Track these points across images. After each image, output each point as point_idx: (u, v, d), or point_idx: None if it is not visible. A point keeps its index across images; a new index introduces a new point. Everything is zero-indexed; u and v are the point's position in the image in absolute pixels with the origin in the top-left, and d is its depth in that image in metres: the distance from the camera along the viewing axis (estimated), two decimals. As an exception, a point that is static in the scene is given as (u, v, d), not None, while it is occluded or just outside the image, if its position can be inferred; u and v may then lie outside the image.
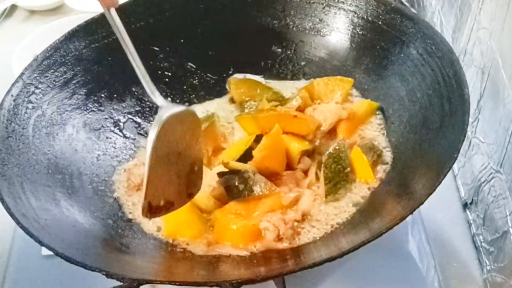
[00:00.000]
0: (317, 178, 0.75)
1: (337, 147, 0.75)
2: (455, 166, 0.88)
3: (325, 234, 0.69)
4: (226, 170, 0.74)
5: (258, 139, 0.77)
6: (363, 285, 0.74)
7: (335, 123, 0.80)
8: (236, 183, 0.72)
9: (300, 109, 0.81)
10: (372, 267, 0.75)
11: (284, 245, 0.68)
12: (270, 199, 0.71)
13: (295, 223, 0.69)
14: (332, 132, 0.80)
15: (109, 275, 0.56)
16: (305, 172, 0.77)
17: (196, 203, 0.73)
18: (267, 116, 0.78)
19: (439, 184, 0.59)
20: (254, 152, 0.75)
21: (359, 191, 0.73)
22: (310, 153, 0.78)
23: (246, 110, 0.85)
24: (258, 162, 0.74)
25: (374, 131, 0.81)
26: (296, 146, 0.77)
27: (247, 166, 0.74)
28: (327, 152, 0.75)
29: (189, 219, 0.72)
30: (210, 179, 0.75)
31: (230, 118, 0.87)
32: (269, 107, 0.81)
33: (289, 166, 0.77)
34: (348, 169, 0.74)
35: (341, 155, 0.74)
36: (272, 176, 0.75)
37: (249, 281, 0.58)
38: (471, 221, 0.82)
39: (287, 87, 0.90)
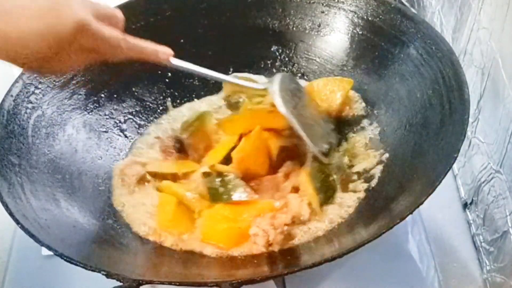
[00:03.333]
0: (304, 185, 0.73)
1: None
2: (455, 166, 0.88)
3: (324, 234, 0.69)
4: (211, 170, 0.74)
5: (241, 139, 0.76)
6: (363, 285, 0.74)
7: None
8: (217, 186, 0.72)
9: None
10: (372, 267, 0.75)
11: (274, 249, 0.67)
12: (259, 203, 0.70)
13: (285, 227, 0.68)
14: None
15: (109, 275, 0.56)
16: (287, 176, 0.75)
17: (183, 200, 0.72)
18: (242, 117, 0.78)
19: (439, 184, 0.59)
20: (232, 154, 0.74)
21: (358, 191, 0.73)
22: (292, 156, 0.77)
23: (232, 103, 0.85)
24: (237, 164, 0.73)
25: (374, 131, 0.81)
26: (274, 141, 0.75)
27: (231, 170, 0.73)
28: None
29: (177, 216, 0.71)
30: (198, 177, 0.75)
31: (225, 115, 0.86)
32: (251, 105, 0.80)
33: (272, 168, 0.76)
34: (334, 176, 0.74)
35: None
36: (253, 179, 0.74)
37: (249, 281, 0.57)
38: (471, 221, 0.82)
39: (287, 87, 0.90)
